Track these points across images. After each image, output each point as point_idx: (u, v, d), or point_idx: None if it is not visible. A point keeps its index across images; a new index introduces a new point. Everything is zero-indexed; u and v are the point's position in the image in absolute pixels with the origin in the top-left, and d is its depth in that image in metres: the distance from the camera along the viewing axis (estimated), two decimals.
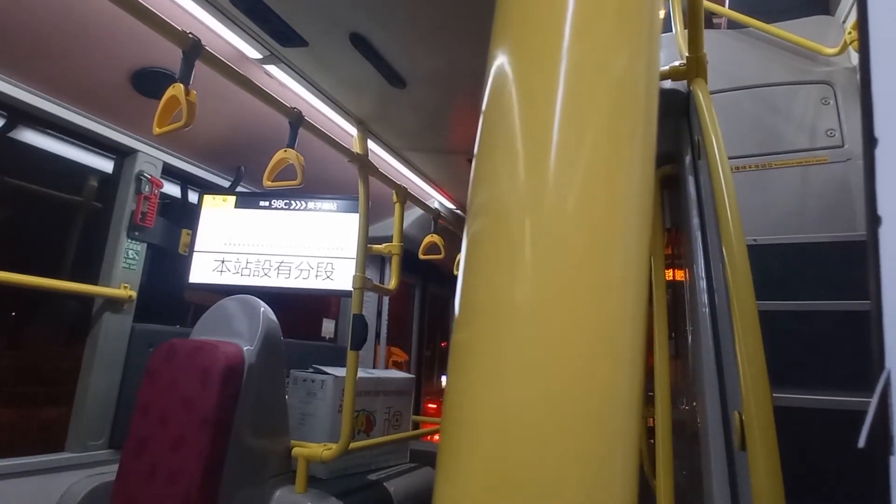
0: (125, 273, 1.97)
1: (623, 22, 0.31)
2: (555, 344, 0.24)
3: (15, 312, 1.95)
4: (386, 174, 2.13)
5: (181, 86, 1.18)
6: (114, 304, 1.91)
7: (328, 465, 1.91)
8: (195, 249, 2.31)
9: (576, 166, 0.27)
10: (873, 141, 0.35)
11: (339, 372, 2.01)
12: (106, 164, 2.04)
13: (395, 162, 2.37)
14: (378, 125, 2.01)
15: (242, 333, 1.70)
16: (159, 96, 1.20)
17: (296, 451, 1.75)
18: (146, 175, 2.04)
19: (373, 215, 2.25)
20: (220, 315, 1.79)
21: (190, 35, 1.23)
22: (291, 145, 1.58)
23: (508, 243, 0.27)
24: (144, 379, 1.66)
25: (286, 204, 2.41)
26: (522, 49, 0.31)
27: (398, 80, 1.64)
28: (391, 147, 2.22)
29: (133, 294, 1.96)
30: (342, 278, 2.31)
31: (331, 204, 2.41)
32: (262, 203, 2.41)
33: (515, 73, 0.30)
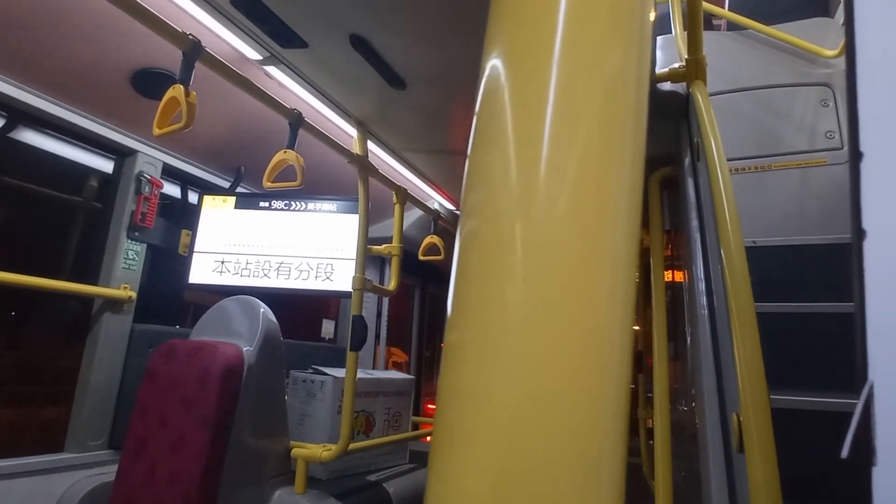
0: (125, 273, 1.97)
1: (614, 23, 0.31)
2: (544, 345, 0.24)
3: (15, 312, 1.95)
4: (386, 175, 2.13)
5: (181, 87, 1.18)
6: (113, 305, 1.91)
7: (327, 466, 1.91)
8: (195, 250, 2.32)
9: (566, 167, 0.27)
10: (858, 155, 0.36)
11: (339, 373, 2.01)
12: (106, 165, 2.05)
13: (395, 163, 2.37)
14: (378, 126, 2.01)
15: (242, 334, 1.70)
16: (159, 97, 1.20)
17: (295, 452, 1.75)
18: (146, 175, 2.04)
19: (373, 216, 2.25)
20: (220, 316, 1.79)
21: (190, 36, 1.23)
22: (291, 146, 1.58)
23: (499, 245, 0.27)
24: (144, 379, 1.66)
25: (286, 205, 2.41)
26: (515, 50, 0.31)
27: (398, 82, 1.64)
28: (391, 148, 2.22)
29: (133, 294, 1.96)
30: (342, 279, 2.31)
31: (331, 205, 2.41)
32: (262, 204, 2.41)
33: (508, 74, 0.30)
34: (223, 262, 2.33)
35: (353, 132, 2.00)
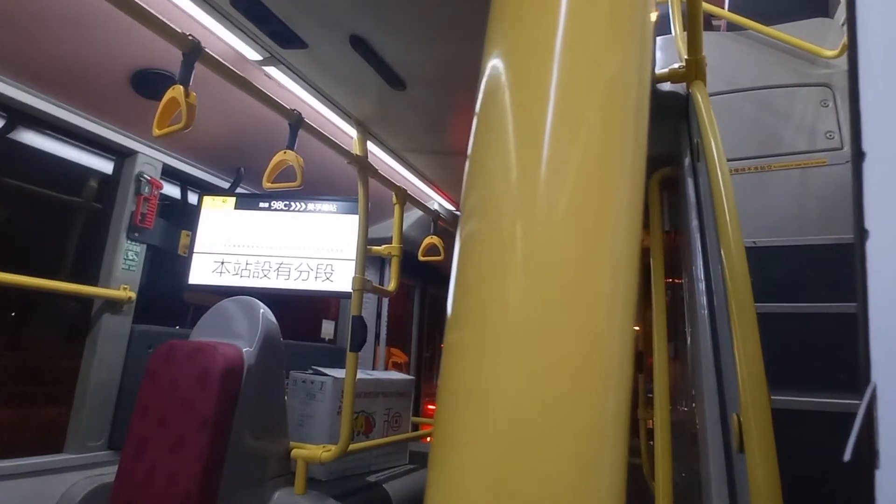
0: (125, 274, 1.97)
1: (615, 23, 0.31)
2: (544, 346, 0.24)
3: (14, 313, 1.95)
4: (385, 176, 2.13)
5: (181, 88, 1.18)
6: (113, 306, 1.91)
7: (327, 467, 1.91)
8: (195, 250, 2.32)
9: (567, 168, 0.27)
10: (861, 155, 0.36)
11: (339, 373, 2.01)
12: (105, 165, 2.05)
13: (395, 163, 2.37)
14: (378, 127, 2.01)
15: (242, 335, 1.70)
16: (159, 97, 1.20)
17: (295, 453, 1.75)
18: (146, 176, 2.04)
19: (372, 217, 2.25)
20: (220, 316, 1.79)
21: (189, 37, 1.23)
22: (291, 147, 1.58)
23: (499, 245, 0.27)
24: (144, 380, 1.66)
25: (286, 205, 2.41)
26: (515, 50, 0.31)
27: (398, 82, 1.64)
28: (391, 148, 2.22)
29: (132, 295, 1.96)
30: (341, 280, 2.31)
31: (330, 205, 2.41)
32: (262, 204, 2.41)
33: (508, 74, 0.30)
34: (223, 263, 2.33)
35: (353, 133, 2.00)
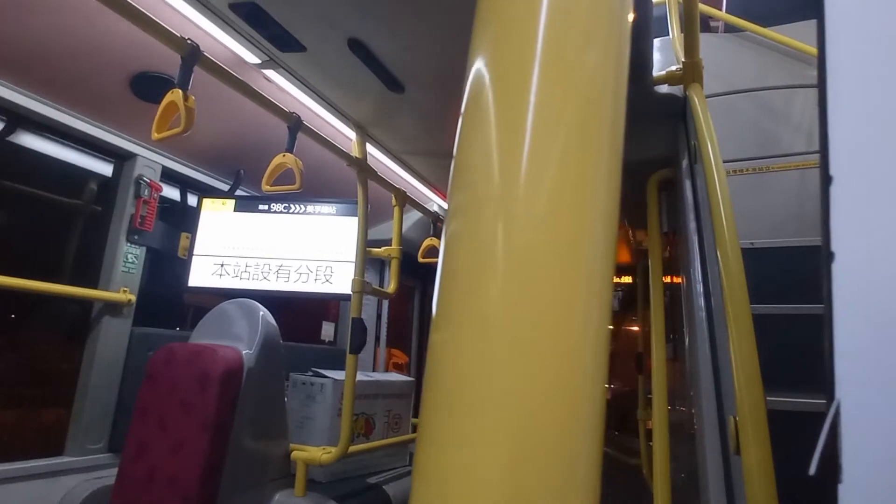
0: (124, 277, 1.97)
1: (593, 25, 0.31)
2: (523, 345, 0.25)
3: (15, 315, 1.96)
4: (385, 178, 2.13)
5: (180, 91, 1.18)
6: (113, 308, 1.92)
7: (327, 469, 1.91)
8: (194, 253, 2.32)
9: (546, 169, 0.28)
10: (829, 179, 0.37)
11: (339, 375, 2.01)
12: (105, 168, 2.05)
13: (394, 165, 2.38)
14: (377, 129, 2.02)
15: (242, 337, 1.70)
16: (158, 101, 1.21)
17: (295, 455, 1.75)
18: (145, 179, 2.05)
19: (372, 219, 2.26)
20: (220, 319, 1.80)
21: (188, 41, 1.23)
22: (290, 150, 1.59)
23: (481, 245, 0.27)
24: (144, 383, 1.67)
25: (285, 207, 2.41)
26: (497, 53, 0.32)
27: (396, 85, 1.65)
28: (390, 151, 2.22)
29: (132, 298, 1.97)
30: (341, 282, 2.32)
31: (330, 207, 2.42)
32: (262, 206, 2.42)
33: (491, 77, 0.31)
34: (223, 265, 2.33)
35: (352, 135, 2.00)
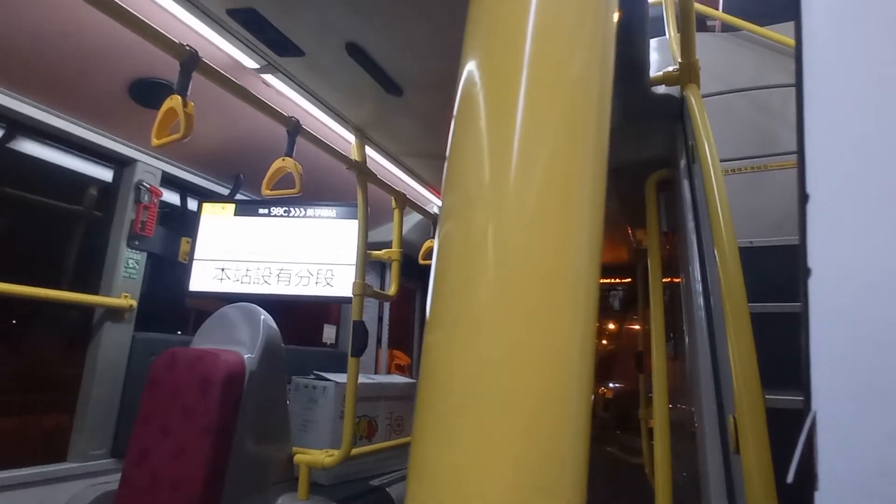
0: (125, 282, 1.98)
1: (580, 26, 0.32)
2: (512, 345, 0.25)
3: (16, 322, 1.96)
4: (384, 180, 2.14)
5: (179, 97, 1.19)
6: (114, 314, 1.92)
7: (330, 472, 1.91)
8: (195, 257, 2.33)
9: (534, 170, 0.28)
10: (805, 197, 0.38)
11: (341, 378, 2.02)
12: (105, 174, 2.06)
13: (393, 168, 2.38)
14: (376, 132, 2.02)
15: (243, 341, 1.70)
16: (158, 106, 1.21)
17: (298, 458, 1.76)
18: (145, 184, 2.05)
19: (372, 221, 2.26)
20: (221, 323, 1.80)
21: (187, 47, 1.24)
22: (289, 154, 1.60)
23: (472, 246, 0.28)
24: (146, 388, 1.67)
25: (285, 211, 2.42)
26: (488, 55, 0.32)
27: (395, 88, 1.65)
28: (389, 153, 2.23)
29: (134, 303, 1.97)
30: (342, 285, 2.32)
31: (330, 211, 2.42)
32: (262, 211, 2.42)
33: (481, 79, 0.32)
34: (223, 270, 2.34)
35: (351, 138, 2.01)
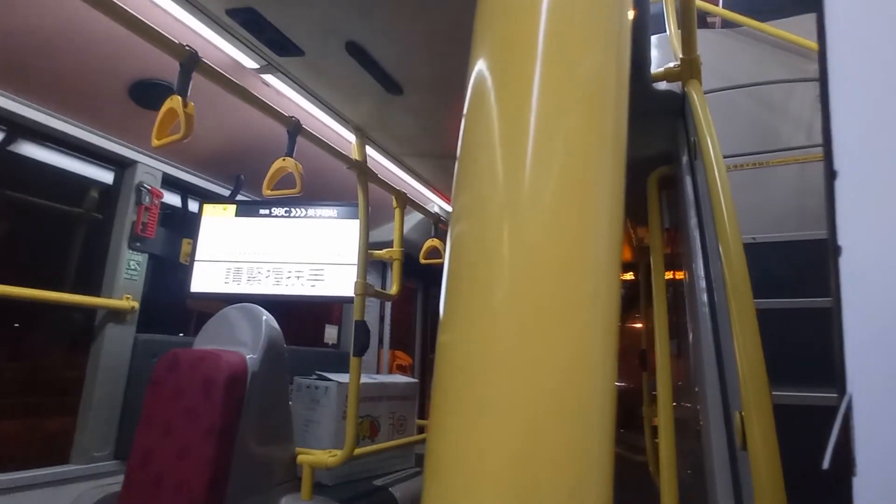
0: (127, 284, 1.98)
1: (593, 24, 0.31)
2: (531, 344, 0.25)
3: (18, 324, 1.96)
4: (385, 180, 2.13)
5: (179, 98, 1.18)
6: (116, 315, 1.92)
7: (333, 472, 1.91)
8: (196, 258, 2.32)
9: (550, 170, 0.28)
10: (833, 174, 0.37)
11: (343, 378, 2.01)
12: (106, 176, 2.06)
13: (394, 167, 2.38)
14: (376, 132, 2.02)
15: (245, 342, 1.70)
16: (158, 108, 1.21)
17: (301, 458, 1.75)
18: (146, 186, 2.05)
19: (373, 221, 2.26)
20: (223, 324, 1.80)
21: (186, 47, 1.23)
22: (290, 154, 1.59)
23: (487, 246, 0.27)
24: (148, 389, 1.67)
25: (286, 212, 2.42)
26: (499, 53, 0.32)
27: (395, 87, 1.65)
28: (390, 153, 2.22)
29: (135, 304, 1.97)
30: (343, 284, 2.32)
31: (331, 211, 2.42)
32: (263, 211, 2.42)
33: (493, 77, 0.31)
34: (225, 270, 2.33)
35: (352, 138, 2.00)
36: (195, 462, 1.48)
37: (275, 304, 2.02)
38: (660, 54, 2.08)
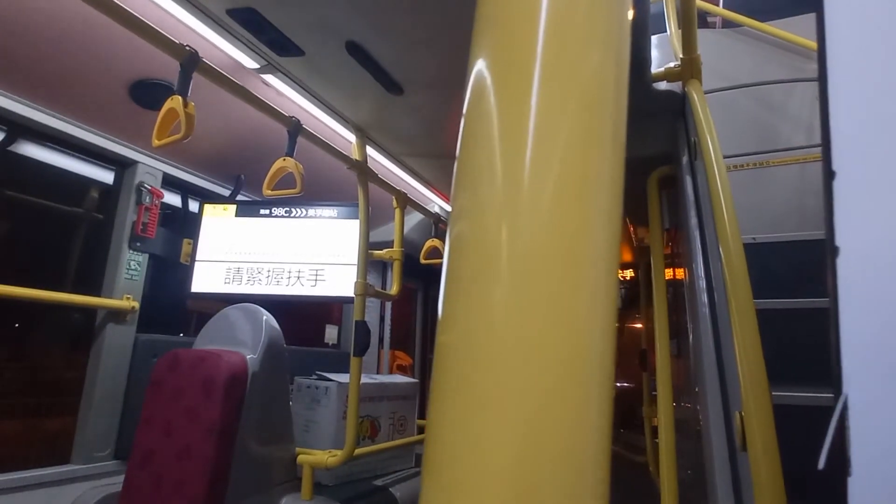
0: (127, 284, 1.98)
1: (593, 24, 0.31)
2: (529, 345, 0.25)
3: (19, 324, 1.96)
4: (385, 180, 2.13)
5: (179, 98, 1.19)
6: (117, 315, 1.92)
7: (334, 472, 1.91)
8: (197, 258, 2.32)
9: (549, 170, 0.28)
10: (831, 174, 0.37)
11: (343, 378, 2.01)
12: (106, 176, 2.06)
13: (395, 167, 2.38)
14: (376, 132, 2.02)
15: (245, 342, 1.70)
16: (158, 108, 1.21)
17: (301, 459, 1.75)
18: (146, 186, 2.05)
19: (373, 221, 2.26)
20: (223, 324, 1.80)
21: (187, 47, 1.24)
22: (290, 154, 1.59)
23: (486, 247, 0.27)
24: (149, 389, 1.67)
25: (287, 212, 2.42)
26: (498, 53, 0.32)
27: (395, 87, 1.65)
28: (390, 153, 2.22)
29: (136, 305, 1.97)
30: (343, 285, 2.32)
31: (331, 211, 2.42)
32: (263, 211, 2.42)
33: (492, 77, 0.31)
34: (225, 271, 2.33)
35: (352, 138, 2.00)
36: (195, 462, 1.48)
37: (275, 304, 2.02)
38: (660, 54, 2.08)
